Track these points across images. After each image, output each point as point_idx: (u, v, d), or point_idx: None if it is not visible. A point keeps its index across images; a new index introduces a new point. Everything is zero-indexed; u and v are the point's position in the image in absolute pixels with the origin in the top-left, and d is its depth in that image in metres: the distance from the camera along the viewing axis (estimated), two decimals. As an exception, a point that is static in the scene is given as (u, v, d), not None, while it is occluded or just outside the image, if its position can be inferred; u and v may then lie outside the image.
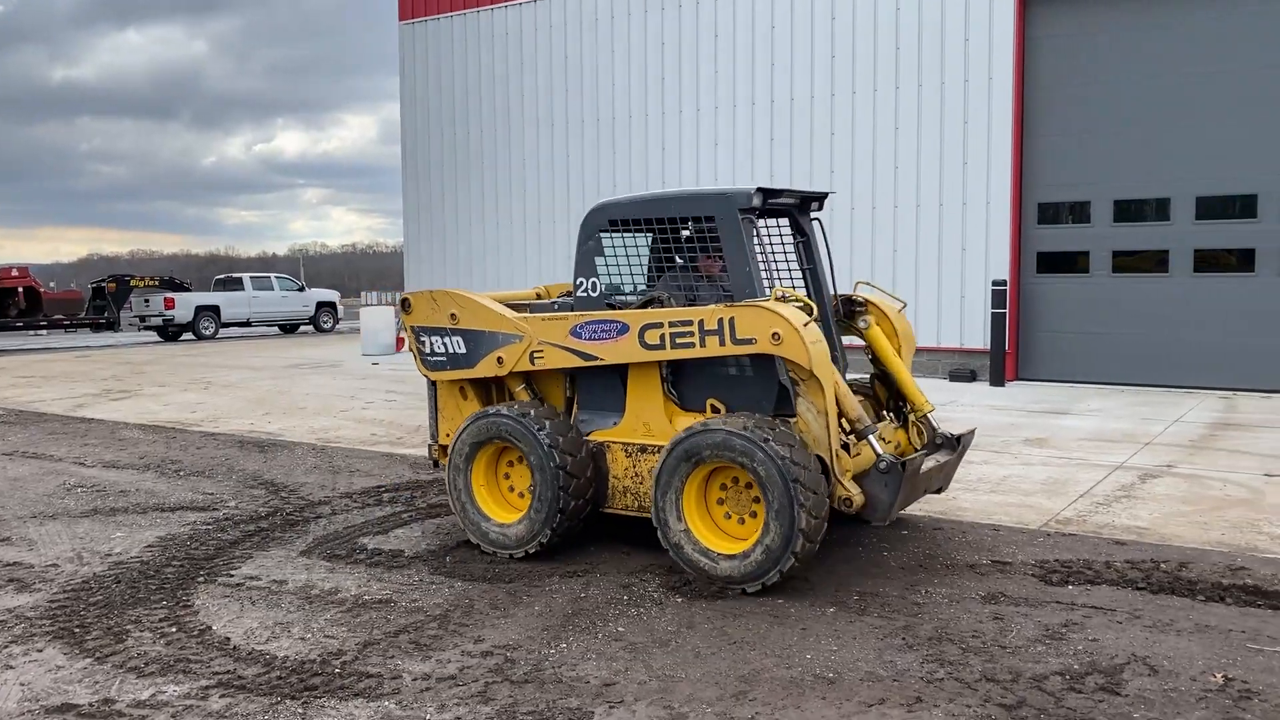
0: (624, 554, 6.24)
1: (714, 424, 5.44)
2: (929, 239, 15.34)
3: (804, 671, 4.45)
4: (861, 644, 4.76)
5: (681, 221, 6.01)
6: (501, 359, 6.32)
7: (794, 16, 16.34)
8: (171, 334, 29.71)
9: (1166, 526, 6.80)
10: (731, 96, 17.07)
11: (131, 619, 5.24)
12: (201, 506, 7.82)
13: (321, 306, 33.09)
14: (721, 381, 5.95)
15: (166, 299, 29.33)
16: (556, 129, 19.26)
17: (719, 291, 6.00)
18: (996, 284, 14.42)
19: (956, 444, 6.43)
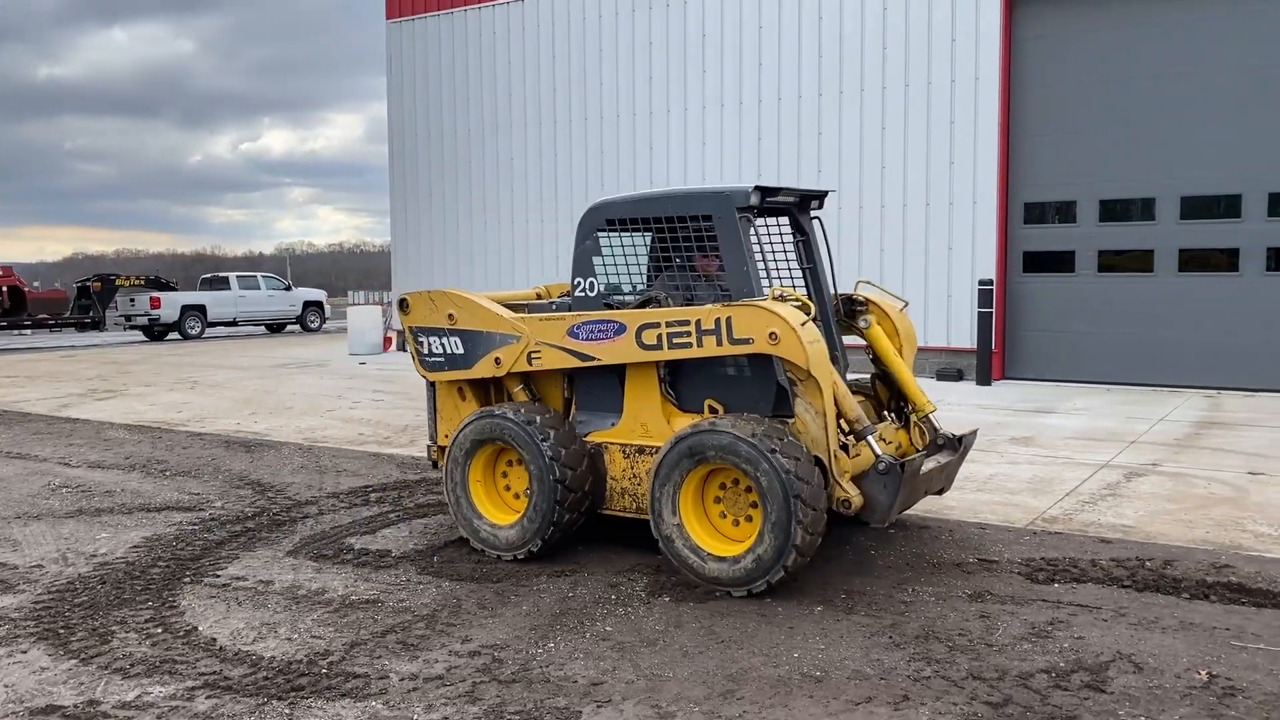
0: (612, 553, 6.24)
1: (722, 426, 5.38)
2: (916, 238, 15.38)
3: (791, 670, 4.46)
4: (849, 642, 4.77)
5: (679, 220, 5.96)
6: (499, 359, 6.29)
7: (782, 16, 16.36)
8: (157, 334, 29.57)
9: (1152, 525, 6.84)
10: (719, 96, 17.08)
11: (117, 620, 5.22)
12: (187, 507, 7.78)
13: (308, 306, 32.99)
14: (719, 382, 5.91)
15: (152, 298, 29.19)
16: (545, 128, 19.25)
17: (717, 291, 5.96)
18: (983, 283, 14.48)
19: (958, 445, 6.38)
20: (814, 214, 6.60)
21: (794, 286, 6.41)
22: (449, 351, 6.51)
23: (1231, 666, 4.43)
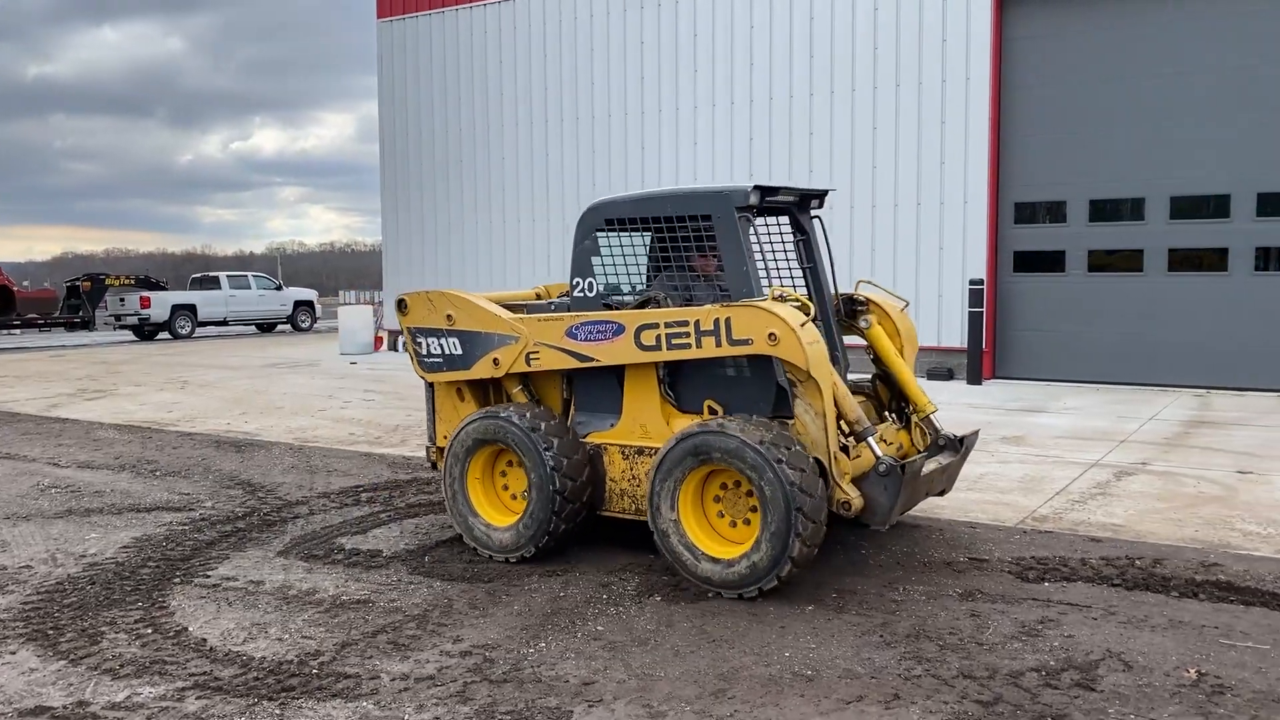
0: (603, 553, 6.23)
1: (730, 429, 5.30)
2: (907, 238, 15.41)
3: (783, 669, 4.47)
4: (840, 641, 4.78)
5: (679, 220, 5.90)
6: (497, 360, 6.25)
7: (773, 16, 16.37)
8: (147, 333, 29.47)
9: (1141, 523, 6.86)
10: (711, 96, 17.09)
11: (106, 620, 5.20)
12: (177, 507, 7.76)
13: (299, 305, 32.92)
14: (719, 382, 5.87)
15: (142, 298, 29.10)
16: (536, 127, 19.23)
17: (716, 291, 5.93)
18: (974, 283, 14.51)
19: (960, 445, 6.34)
20: (814, 213, 6.55)
21: (794, 286, 6.36)
22: (447, 352, 6.48)
23: (1220, 664, 4.45)
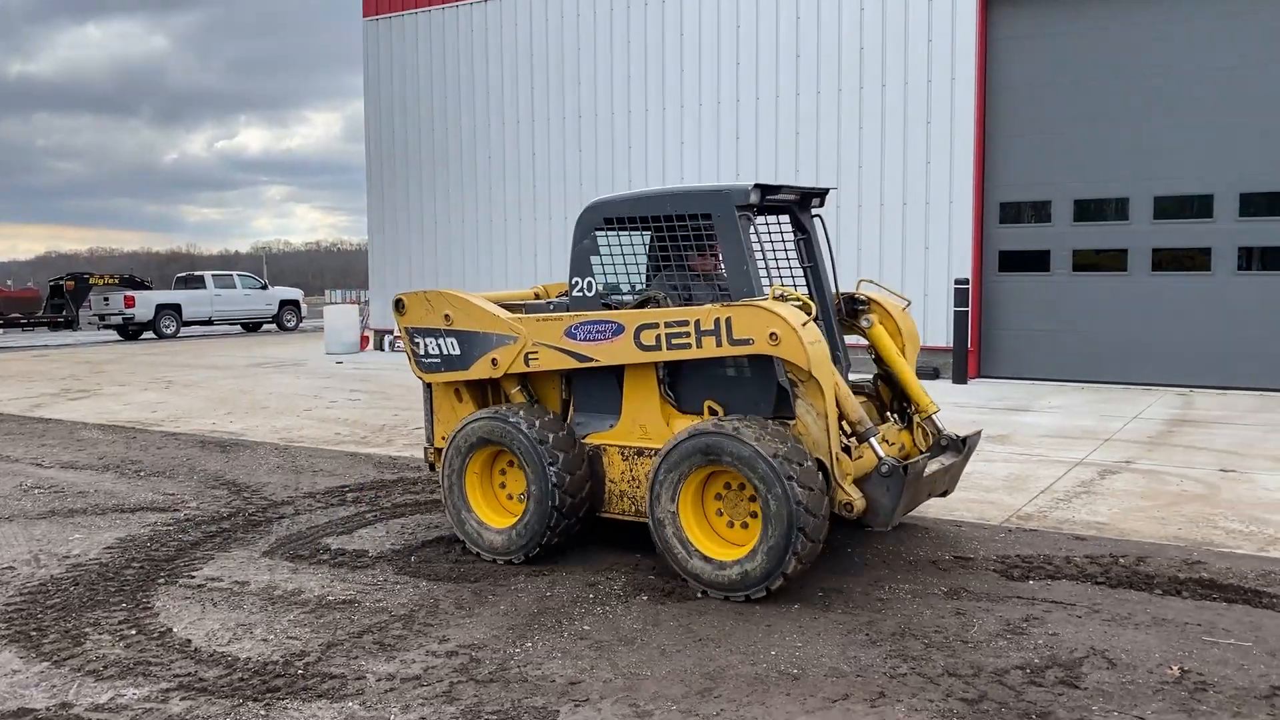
0: (590, 553, 6.23)
1: (746, 436, 5.20)
2: (893, 238, 15.46)
3: (769, 668, 4.48)
4: (826, 640, 4.79)
5: (678, 219, 5.85)
6: (496, 360, 6.20)
7: (759, 16, 16.39)
8: (132, 333, 29.31)
9: (1125, 522, 6.90)
10: (698, 95, 17.10)
11: (90, 621, 5.17)
12: (162, 507, 7.72)
13: (285, 305, 32.80)
14: (719, 383, 5.82)
15: (127, 297, 28.94)
16: (523, 127, 19.21)
17: (716, 290, 5.90)
18: (959, 282, 14.56)
19: (962, 446, 6.32)
20: (815, 212, 6.51)
21: (795, 286, 6.32)
22: (445, 352, 6.43)
23: (1203, 661, 4.48)
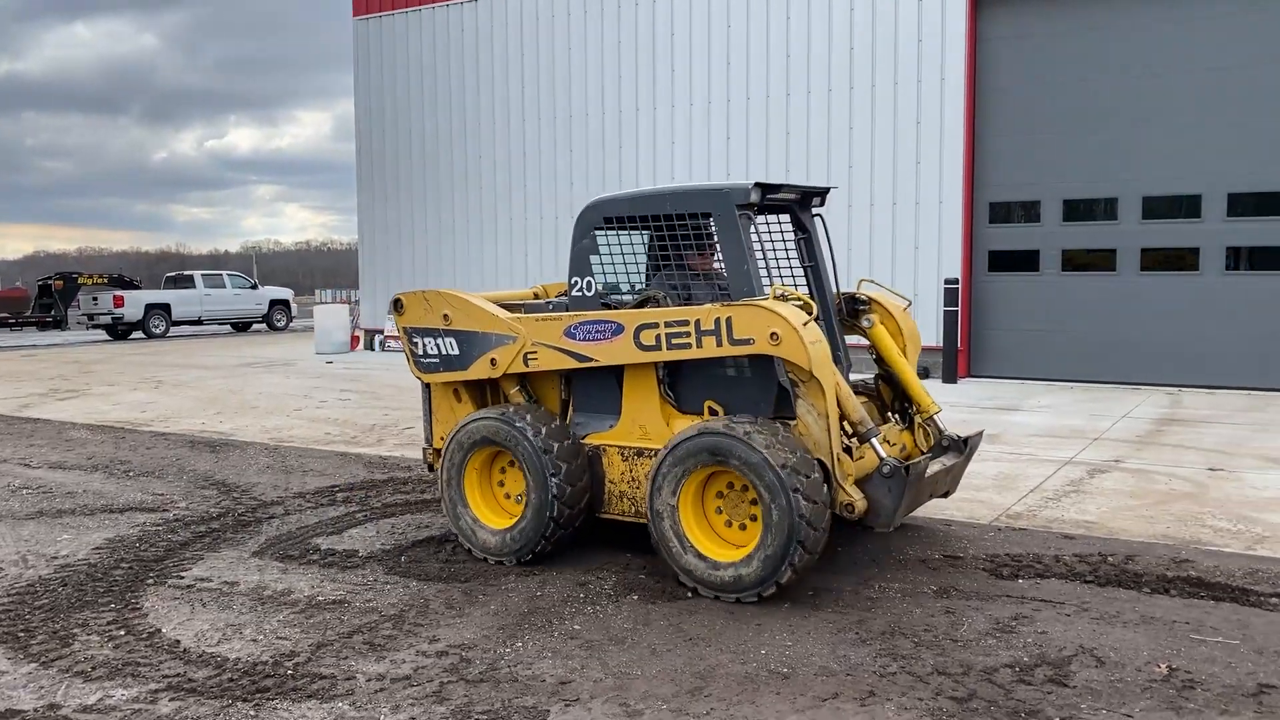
0: (580, 552, 6.23)
1: (757, 443, 5.13)
2: (883, 238, 15.49)
3: (759, 667, 4.48)
4: (815, 639, 4.80)
5: (678, 218, 5.81)
6: (495, 360, 6.16)
7: (749, 16, 16.41)
8: (121, 333, 29.21)
9: (1114, 520, 6.93)
10: (689, 96, 17.11)
11: (78, 622, 5.15)
12: (151, 507, 7.70)
13: (275, 304, 32.73)
14: (720, 383, 5.78)
15: (116, 297, 28.84)
16: (513, 126, 19.19)
17: (716, 290, 5.87)
18: (949, 282, 14.60)
19: (964, 446, 6.30)
20: (816, 211, 6.49)
21: (795, 285, 6.29)
22: (444, 352, 6.39)
23: (1191, 659, 4.50)
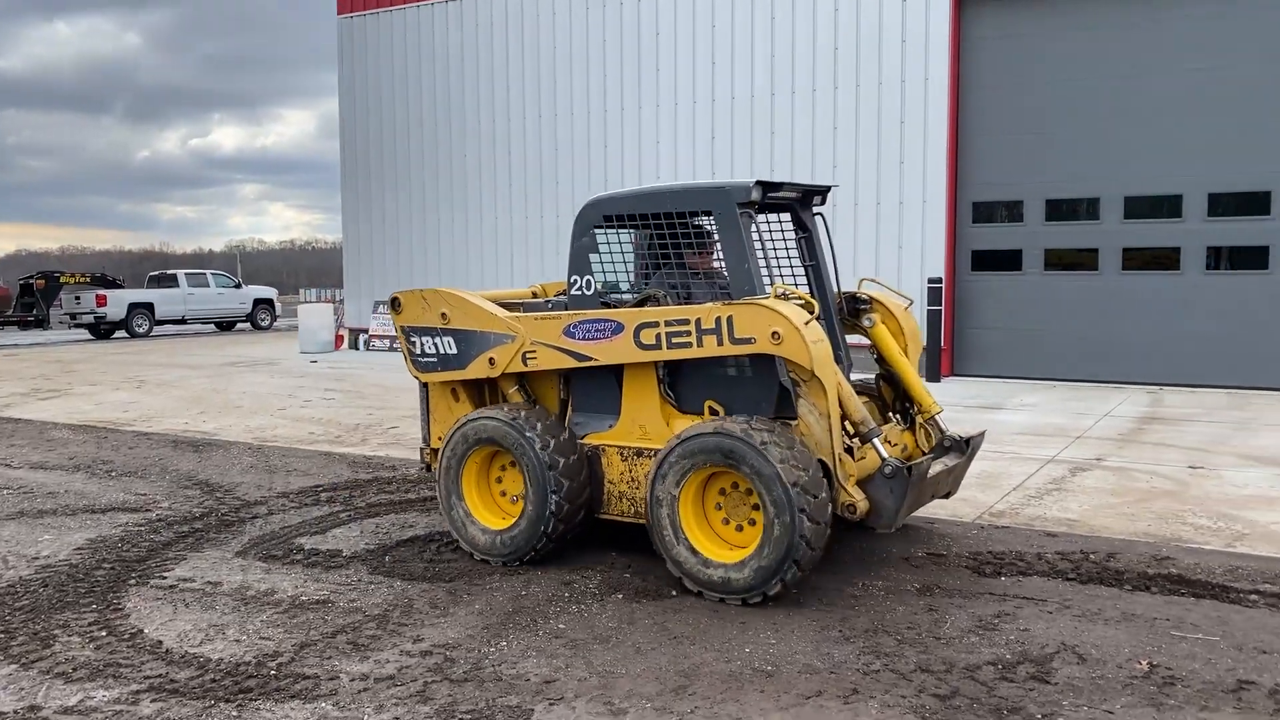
0: (565, 551, 6.22)
1: (772, 456, 5.05)
2: (867, 238, 15.53)
3: (743, 665, 4.49)
4: (799, 637, 4.81)
5: (679, 216, 5.78)
6: (493, 360, 6.12)
7: (734, 16, 16.43)
8: (104, 332, 29.02)
9: (1095, 518, 6.97)
10: (673, 95, 17.12)
11: (59, 623, 5.12)
12: (133, 507, 7.66)
13: (259, 304, 32.58)
14: (720, 382, 5.75)
15: (98, 296, 28.65)
16: (498, 125, 19.16)
17: (716, 289, 5.86)
18: (932, 282, 14.65)
19: (966, 446, 6.29)
20: (816, 210, 6.46)
21: (796, 284, 6.27)
22: (442, 352, 6.34)
23: (1171, 656, 4.54)
